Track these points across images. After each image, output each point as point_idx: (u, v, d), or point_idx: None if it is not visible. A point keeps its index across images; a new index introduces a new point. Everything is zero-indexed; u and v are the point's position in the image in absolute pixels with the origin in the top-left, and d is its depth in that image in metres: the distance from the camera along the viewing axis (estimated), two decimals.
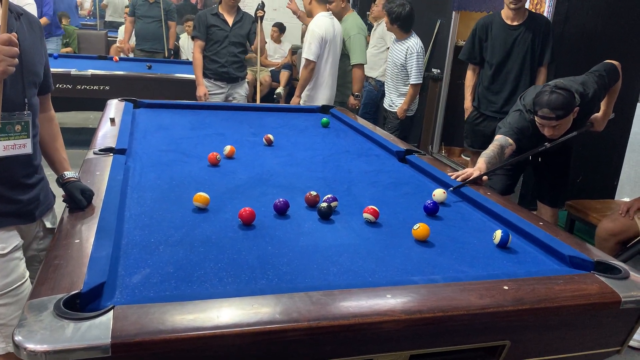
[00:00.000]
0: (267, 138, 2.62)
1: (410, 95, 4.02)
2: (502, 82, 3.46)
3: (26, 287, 1.51)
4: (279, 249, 1.46)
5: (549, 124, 2.41)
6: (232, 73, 4.23)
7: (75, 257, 1.28)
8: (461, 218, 1.82)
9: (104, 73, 4.80)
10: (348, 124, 3.17)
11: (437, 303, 1.18)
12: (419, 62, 3.95)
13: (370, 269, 1.39)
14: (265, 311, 1.10)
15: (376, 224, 1.69)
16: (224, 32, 4.14)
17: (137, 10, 6.24)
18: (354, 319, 1.11)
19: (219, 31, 4.12)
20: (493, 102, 3.51)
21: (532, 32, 3.34)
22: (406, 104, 4.05)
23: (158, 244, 1.44)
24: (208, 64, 4.17)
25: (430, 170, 2.25)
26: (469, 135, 3.74)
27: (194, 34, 4.14)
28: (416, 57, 3.93)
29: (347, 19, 4.23)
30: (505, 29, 3.35)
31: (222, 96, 4.26)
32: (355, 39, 4.10)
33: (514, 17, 3.37)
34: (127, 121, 2.69)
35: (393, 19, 3.94)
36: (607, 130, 4.16)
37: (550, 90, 2.38)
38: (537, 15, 3.47)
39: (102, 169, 1.92)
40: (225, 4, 4.12)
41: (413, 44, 3.95)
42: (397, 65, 4.05)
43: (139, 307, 1.08)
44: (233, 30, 4.17)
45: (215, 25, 4.11)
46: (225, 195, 1.87)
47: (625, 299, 1.29)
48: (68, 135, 6.57)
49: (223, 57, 4.16)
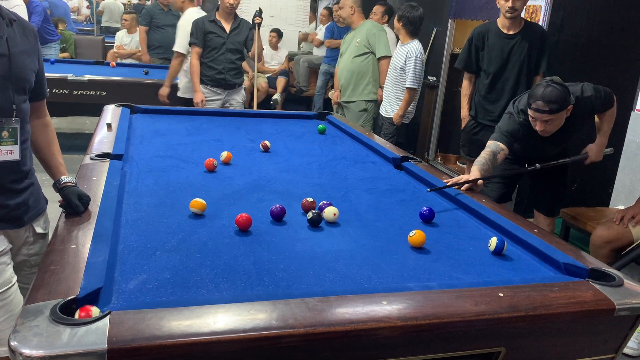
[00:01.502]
0: (264, 144, 2.62)
1: (405, 100, 4.04)
2: (499, 91, 3.47)
3: (12, 292, 1.49)
4: (276, 255, 1.47)
5: (542, 117, 2.41)
6: (230, 80, 4.25)
7: (71, 263, 1.28)
8: (457, 225, 1.83)
9: (100, 78, 4.80)
10: (344, 131, 3.18)
11: (432, 310, 1.19)
12: (417, 66, 3.98)
13: (366, 275, 1.39)
14: (261, 317, 1.10)
15: (372, 231, 1.70)
16: (222, 39, 4.16)
17: (156, 19, 6.22)
18: (350, 325, 1.11)
19: (216, 38, 4.14)
20: (490, 111, 3.51)
21: (528, 41, 3.36)
22: (401, 109, 4.06)
23: (154, 249, 1.44)
24: (205, 70, 4.18)
25: (426, 177, 2.26)
26: (466, 144, 3.75)
27: (192, 41, 4.14)
28: (414, 60, 3.96)
29: (365, 23, 4.44)
30: (501, 38, 3.37)
31: (219, 102, 4.27)
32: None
33: (510, 26, 3.39)
34: (123, 127, 2.69)
35: (402, 18, 4.01)
36: None
37: (546, 84, 2.39)
38: (533, 24, 3.49)
39: (99, 175, 1.92)
40: (223, 10, 4.13)
41: (414, 48, 3.99)
42: (397, 69, 4.08)
43: (136, 312, 1.08)
44: (230, 37, 4.19)
45: (213, 32, 4.12)
46: (222, 201, 1.87)
47: (619, 307, 1.30)
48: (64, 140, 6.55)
49: (220, 64, 4.18)
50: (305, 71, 7.42)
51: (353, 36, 4.45)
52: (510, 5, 3.24)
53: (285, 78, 7.03)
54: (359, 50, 4.37)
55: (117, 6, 10.71)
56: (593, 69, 4.07)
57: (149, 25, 6.26)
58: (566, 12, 3.93)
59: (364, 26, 4.38)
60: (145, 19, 6.28)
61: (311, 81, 7.44)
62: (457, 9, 4.98)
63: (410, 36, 4.07)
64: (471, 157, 3.69)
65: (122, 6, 10.93)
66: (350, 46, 4.44)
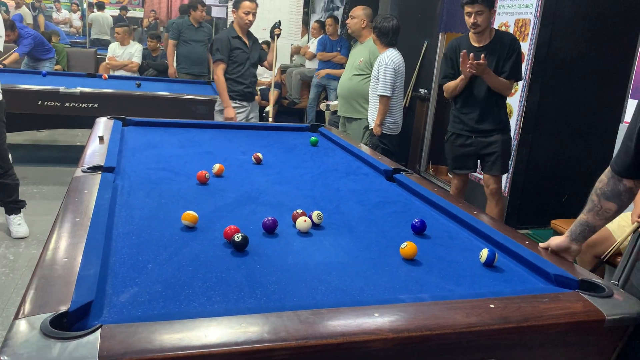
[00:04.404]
0: (256, 156, 2.63)
1: (380, 109, 4.04)
2: (472, 104, 3.54)
3: None
4: (268, 268, 1.47)
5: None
6: (254, 92, 4.47)
7: (62, 276, 1.27)
8: (448, 237, 1.84)
9: (92, 91, 4.79)
10: (337, 143, 3.20)
11: (424, 322, 1.19)
12: (387, 74, 3.98)
13: (358, 287, 1.40)
14: (253, 330, 1.10)
15: (364, 243, 1.70)
16: (246, 54, 4.33)
17: (184, 34, 6.28)
18: (342, 338, 1.11)
19: (242, 53, 4.30)
20: (465, 123, 3.60)
21: (497, 51, 3.43)
22: (378, 118, 4.07)
23: (146, 262, 1.44)
24: (233, 85, 4.30)
25: (417, 189, 2.27)
26: (449, 156, 3.80)
27: (219, 57, 4.23)
28: (384, 68, 3.98)
29: (371, 42, 4.32)
30: (471, 50, 3.42)
31: (244, 114, 4.41)
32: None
33: (479, 38, 3.46)
34: (115, 139, 2.69)
35: (375, 29, 4.05)
36: (591, 151, 4.24)
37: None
38: (503, 34, 3.53)
39: (91, 187, 1.92)
40: (241, 27, 4.24)
41: (385, 56, 4.02)
42: (374, 79, 4.11)
43: (127, 326, 1.08)
44: (252, 51, 4.38)
45: (239, 48, 4.28)
46: (214, 213, 1.87)
47: (609, 317, 1.31)
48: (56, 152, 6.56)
49: (247, 78, 4.36)
50: (297, 83, 7.46)
51: (359, 51, 4.47)
52: (472, 21, 3.37)
53: (277, 90, 7.07)
54: (360, 69, 4.39)
55: (106, 18, 10.74)
56: (581, 82, 4.14)
57: (177, 39, 6.32)
58: (555, 26, 4.00)
59: (371, 45, 4.35)
60: (174, 33, 6.36)
61: (303, 93, 7.48)
62: (447, 22, 5.04)
63: (385, 46, 4.09)
64: (456, 169, 3.74)
65: (110, 18, 10.97)
66: (354, 62, 4.47)
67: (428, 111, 5.41)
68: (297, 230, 1.75)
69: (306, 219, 1.75)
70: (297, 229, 1.75)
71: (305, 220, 1.75)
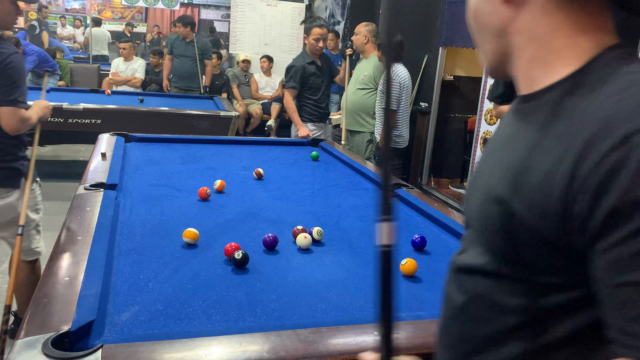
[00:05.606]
0: (257, 172, 2.65)
1: None
2: None
3: None
4: (268, 285, 1.47)
5: None
6: (329, 111, 4.59)
7: (64, 295, 1.28)
8: (449, 252, 1.83)
9: (95, 107, 4.83)
10: (337, 158, 3.21)
11: (423, 340, 1.19)
12: (392, 88, 4.02)
13: (358, 305, 1.40)
14: (253, 349, 1.11)
15: (364, 259, 1.71)
16: (320, 78, 4.39)
17: (175, 49, 6.36)
18: (341, 356, 1.12)
19: (316, 79, 4.36)
20: None
21: None
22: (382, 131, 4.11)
23: (147, 280, 1.45)
24: (312, 110, 4.36)
25: (418, 204, 2.28)
26: None
27: (291, 85, 4.30)
28: (382, 82, 4.03)
29: (376, 58, 4.46)
30: None
31: (320, 133, 4.49)
32: None
33: None
34: (118, 156, 2.71)
35: (380, 46, 4.11)
36: None
37: None
38: None
39: (93, 205, 1.93)
40: (314, 53, 4.33)
41: None
42: (381, 92, 4.16)
43: (128, 345, 1.08)
44: (324, 74, 4.47)
45: (314, 74, 4.34)
46: (215, 230, 1.88)
47: None
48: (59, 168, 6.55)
49: (323, 101, 4.44)
50: None
51: (363, 67, 4.55)
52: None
53: (279, 104, 7.11)
54: (364, 84, 4.46)
55: (104, 34, 10.83)
56: None
57: (171, 53, 6.41)
58: None
59: (375, 60, 4.45)
60: (169, 47, 6.49)
61: None
62: (447, 36, 5.08)
63: None
64: None
65: (108, 34, 11.07)
66: (358, 76, 4.54)
67: (429, 125, 5.42)
68: (298, 247, 1.76)
69: (306, 236, 1.76)
70: (298, 246, 1.76)
71: (306, 237, 1.75)
